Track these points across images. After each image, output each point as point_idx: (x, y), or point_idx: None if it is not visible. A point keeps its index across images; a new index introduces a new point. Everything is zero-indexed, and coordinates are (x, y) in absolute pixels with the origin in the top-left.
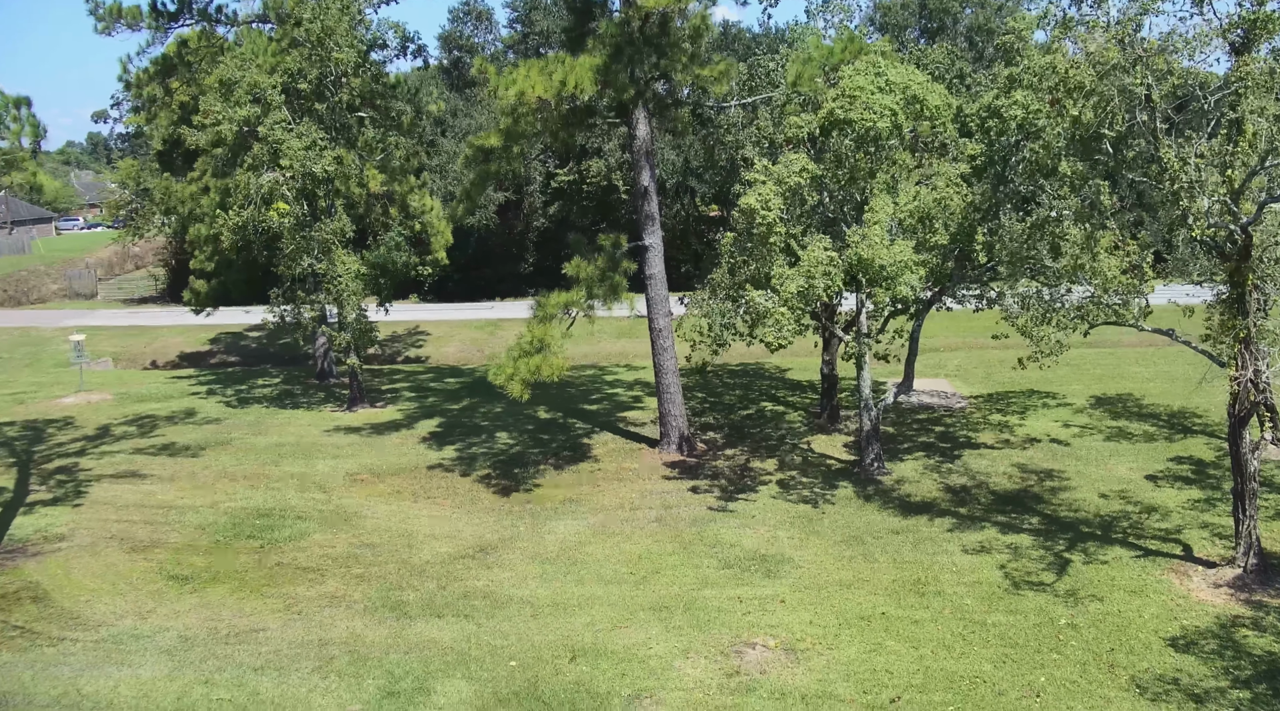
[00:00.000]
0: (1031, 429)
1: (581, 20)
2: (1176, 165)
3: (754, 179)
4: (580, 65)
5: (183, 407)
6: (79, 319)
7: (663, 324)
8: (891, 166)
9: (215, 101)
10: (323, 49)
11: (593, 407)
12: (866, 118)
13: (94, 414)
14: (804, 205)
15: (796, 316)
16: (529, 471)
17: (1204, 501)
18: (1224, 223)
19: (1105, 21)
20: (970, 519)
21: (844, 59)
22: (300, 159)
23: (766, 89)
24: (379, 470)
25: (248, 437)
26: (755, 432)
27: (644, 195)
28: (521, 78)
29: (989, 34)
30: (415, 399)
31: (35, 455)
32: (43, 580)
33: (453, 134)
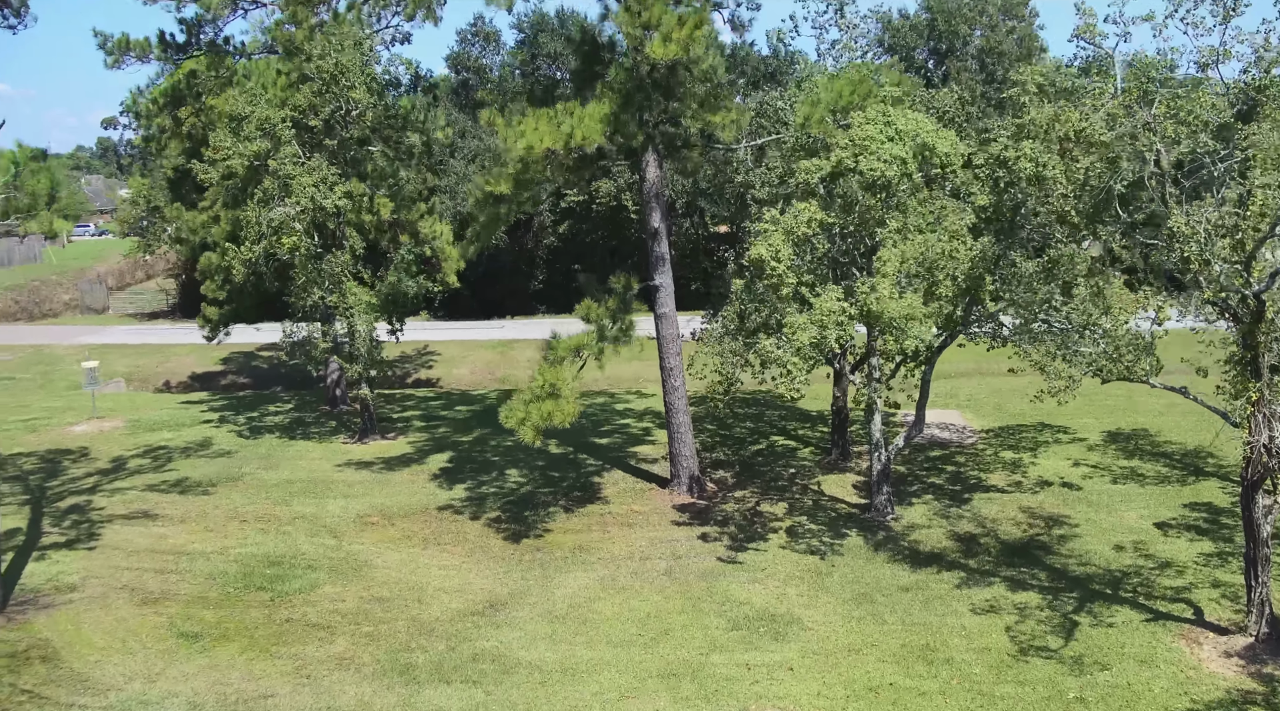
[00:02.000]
0: (1043, 468)
1: (589, 63)
2: (1186, 231)
3: (763, 229)
4: (589, 115)
5: (196, 438)
6: (91, 336)
7: (674, 363)
8: (903, 215)
9: (225, 137)
10: (336, 87)
11: (603, 441)
12: (876, 167)
13: (107, 444)
14: (814, 253)
15: (810, 366)
16: (539, 514)
17: (1216, 556)
18: (1236, 288)
19: (1113, 91)
20: (979, 573)
21: (852, 102)
22: (310, 194)
23: (775, 127)
24: (389, 512)
25: (259, 472)
26: (765, 471)
27: (654, 236)
28: (530, 130)
29: (999, 56)
30: (426, 429)
31: (49, 491)
32: (53, 637)
33: (462, 155)
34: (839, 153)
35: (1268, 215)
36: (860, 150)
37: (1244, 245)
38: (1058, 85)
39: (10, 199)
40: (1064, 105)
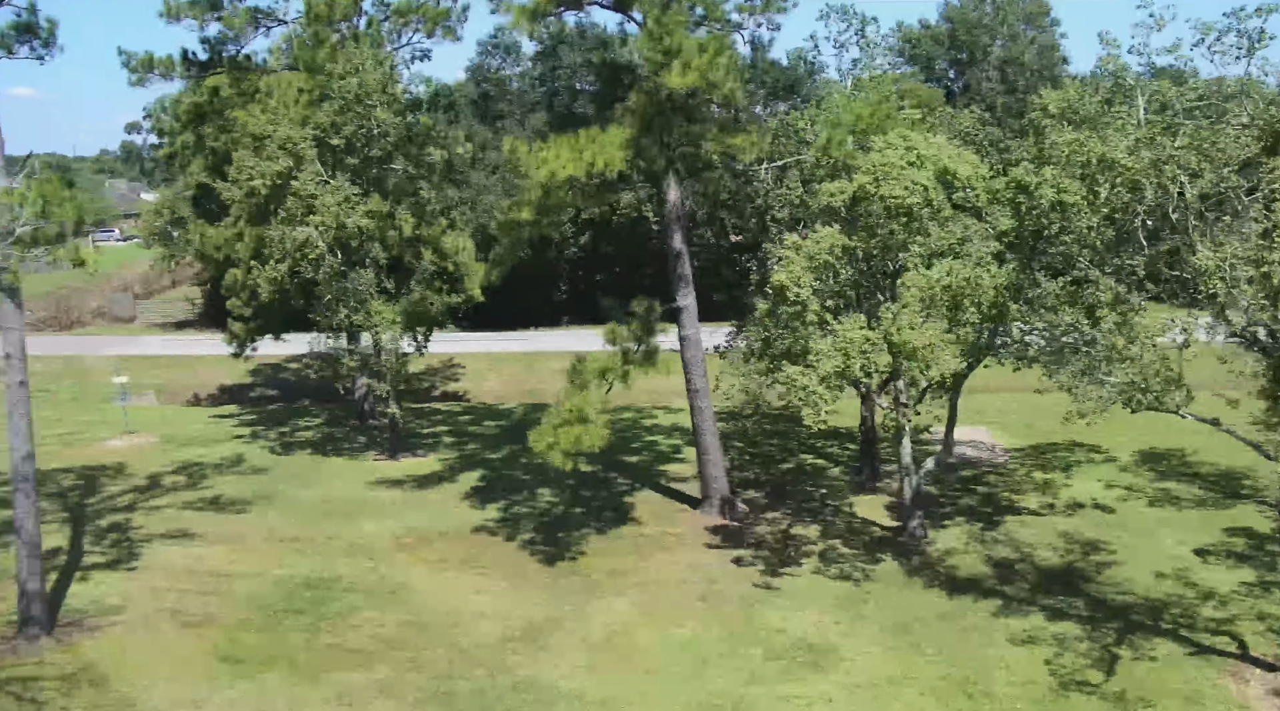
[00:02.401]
0: (1076, 490)
1: (610, 86)
2: (1211, 266)
3: (784, 255)
4: (610, 142)
5: (229, 453)
6: (121, 346)
7: (700, 385)
8: (925, 238)
9: (248, 156)
10: (359, 106)
11: (633, 459)
12: (898, 194)
13: (141, 460)
14: (837, 277)
15: (835, 396)
16: (573, 536)
17: (1259, 585)
18: (1264, 322)
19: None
20: (1016, 601)
21: (873, 124)
22: (334, 215)
23: (796, 147)
24: (424, 533)
25: (293, 491)
26: (796, 491)
27: (676, 258)
28: (552, 157)
29: (1020, 67)
30: (455, 445)
31: (88, 509)
32: (100, 660)
33: (483, 166)
34: (860, 178)
35: None
36: (882, 176)
37: (1270, 278)
38: (1080, 113)
39: (40, 230)
40: (1087, 134)
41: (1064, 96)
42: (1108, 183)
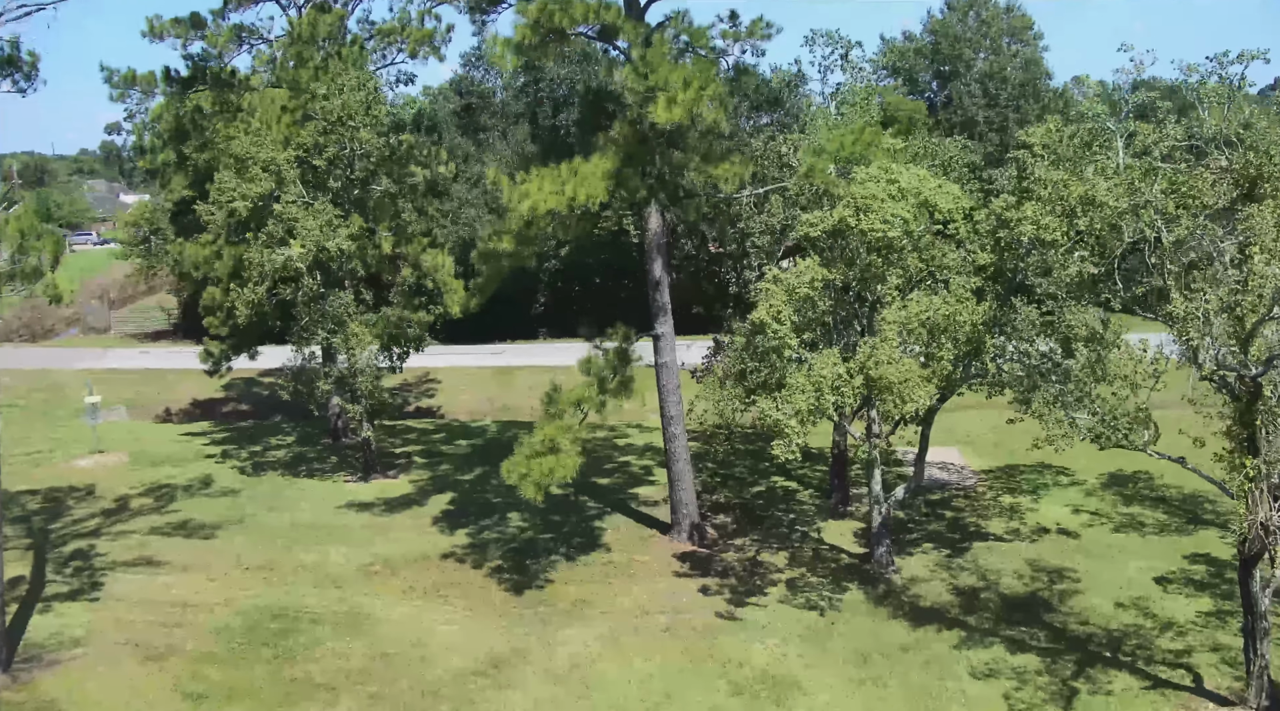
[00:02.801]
0: (1043, 515)
1: (594, 112)
2: (1184, 310)
3: (765, 289)
4: (592, 174)
5: (199, 474)
6: (94, 360)
7: (675, 412)
8: (904, 271)
9: (229, 177)
10: (343, 128)
11: (605, 481)
12: (878, 228)
13: (110, 480)
14: (815, 309)
15: (806, 430)
16: (541, 563)
17: (1215, 615)
18: (1234, 366)
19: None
20: (979, 632)
21: (855, 152)
22: (315, 239)
23: (779, 171)
24: (392, 561)
25: (262, 514)
26: (766, 516)
27: (656, 286)
28: (534, 190)
29: (1002, 81)
30: (427, 466)
31: (52, 535)
32: (60, 697)
33: (464, 178)
34: (841, 211)
35: (1265, 298)
36: (862, 208)
37: (1243, 322)
38: (1060, 154)
39: (18, 265)
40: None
41: (1047, 133)
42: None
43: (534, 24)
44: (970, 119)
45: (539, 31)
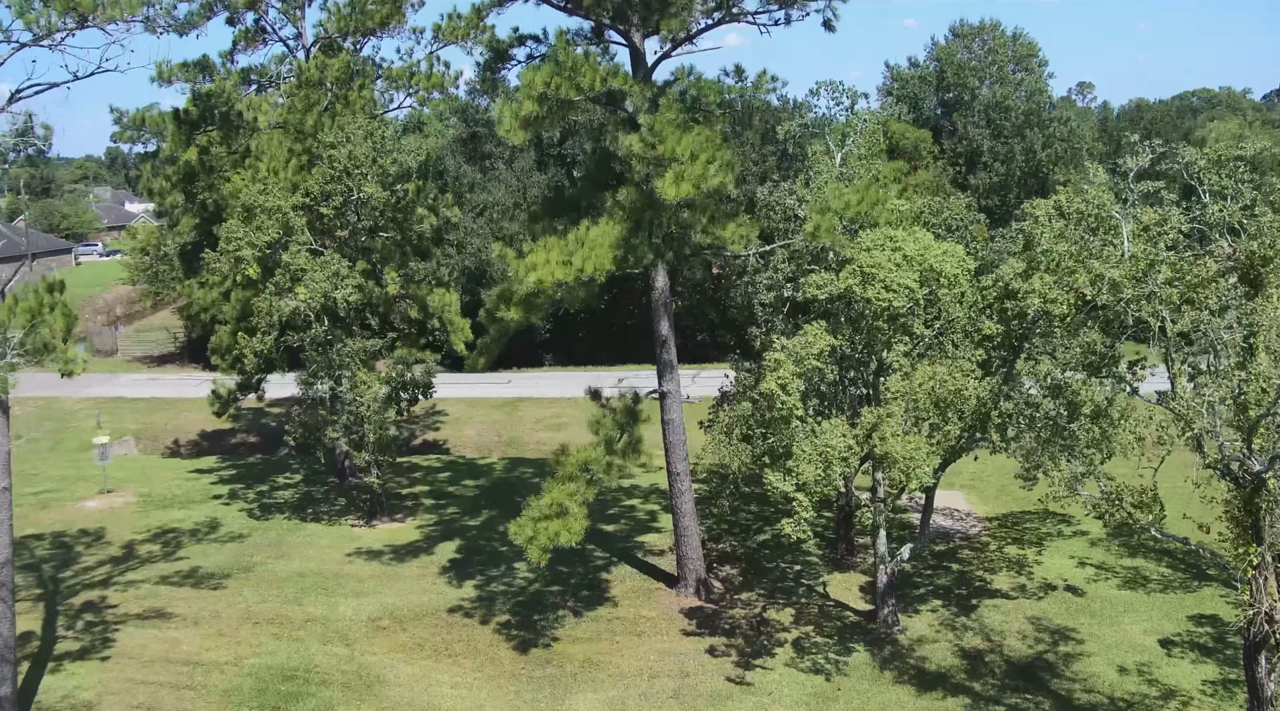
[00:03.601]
0: (1047, 568)
1: (600, 171)
2: (1190, 410)
3: (773, 359)
4: (599, 243)
5: (206, 517)
6: (101, 386)
7: (680, 468)
8: (910, 338)
9: (237, 226)
10: (349, 179)
11: (610, 528)
12: (884, 297)
13: (118, 524)
14: (823, 378)
15: (814, 502)
16: (548, 619)
17: (1220, 684)
18: (1236, 455)
19: (1121, 253)
20: (984, 698)
21: (862, 211)
22: (323, 290)
23: (783, 222)
24: (400, 614)
25: (270, 562)
26: (771, 568)
27: (662, 344)
28: (541, 262)
29: (1005, 110)
30: (434, 508)
31: (62, 584)
32: None
33: (469, 207)
34: (846, 279)
35: (1269, 394)
36: (868, 277)
37: (1247, 411)
38: (1068, 237)
39: (30, 339)
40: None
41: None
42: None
43: (540, 97)
44: (975, 149)
45: (545, 104)
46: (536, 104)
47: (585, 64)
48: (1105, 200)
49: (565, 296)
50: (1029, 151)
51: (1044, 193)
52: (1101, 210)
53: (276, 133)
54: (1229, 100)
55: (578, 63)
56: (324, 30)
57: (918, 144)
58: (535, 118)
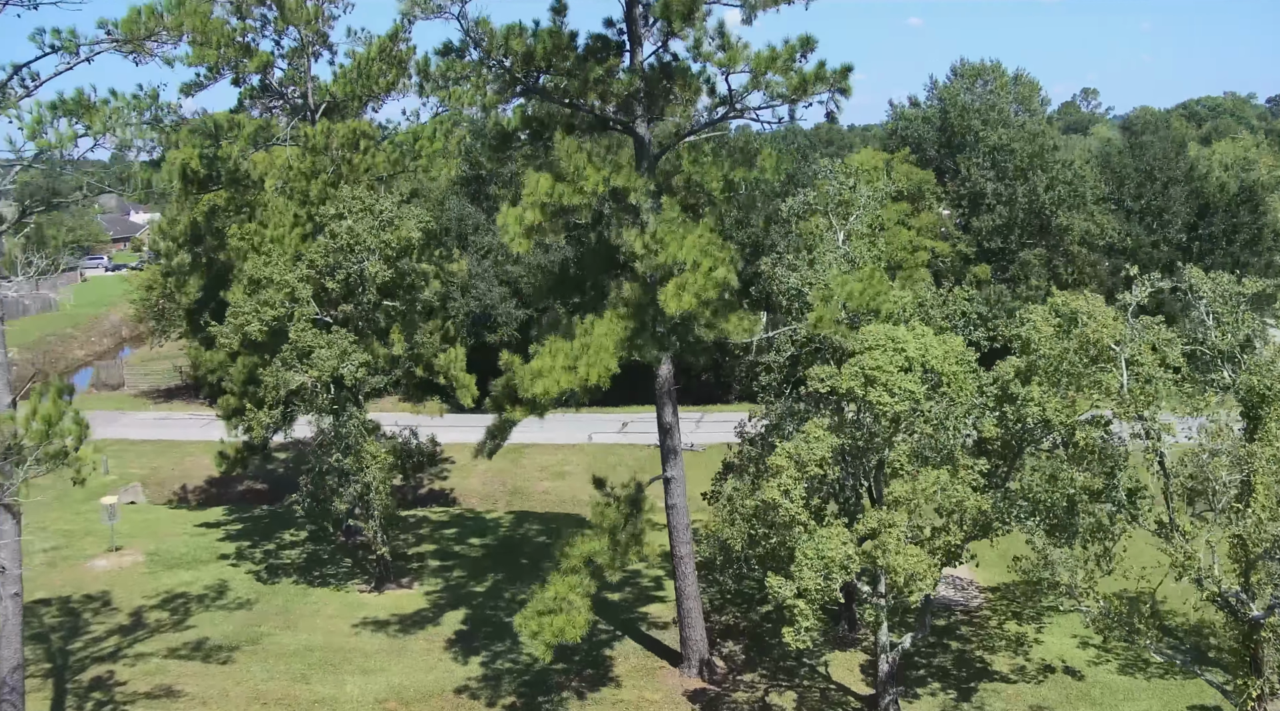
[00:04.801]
0: (1047, 647)
1: (604, 262)
2: (1186, 558)
3: (774, 464)
4: (603, 347)
5: (214, 579)
6: (108, 425)
7: (684, 552)
8: (912, 439)
9: (243, 299)
10: (352, 255)
11: (615, 596)
12: (886, 401)
13: (126, 587)
14: (825, 479)
15: (815, 609)
16: (553, 701)
17: None
18: (1234, 591)
19: (1120, 384)
20: None
21: (864, 302)
22: (329, 369)
23: (786, 301)
24: (406, 695)
25: (278, 634)
26: (774, 644)
27: (666, 431)
28: (546, 369)
29: (1010, 153)
30: (441, 572)
31: (71, 658)
32: None
33: (474, 249)
34: (848, 380)
35: (1267, 536)
36: (870, 380)
37: (1246, 548)
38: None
39: (43, 449)
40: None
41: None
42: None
43: (542, 206)
44: (978, 191)
45: (547, 213)
46: (540, 212)
47: (589, 166)
48: (1105, 333)
49: (570, 399)
50: (1032, 193)
51: (1046, 233)
52: (1100, 342)
53: (281, 197)
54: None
55: (580, 167)
56: (330, 96)
57: (921, 186)
58: (539, 226)
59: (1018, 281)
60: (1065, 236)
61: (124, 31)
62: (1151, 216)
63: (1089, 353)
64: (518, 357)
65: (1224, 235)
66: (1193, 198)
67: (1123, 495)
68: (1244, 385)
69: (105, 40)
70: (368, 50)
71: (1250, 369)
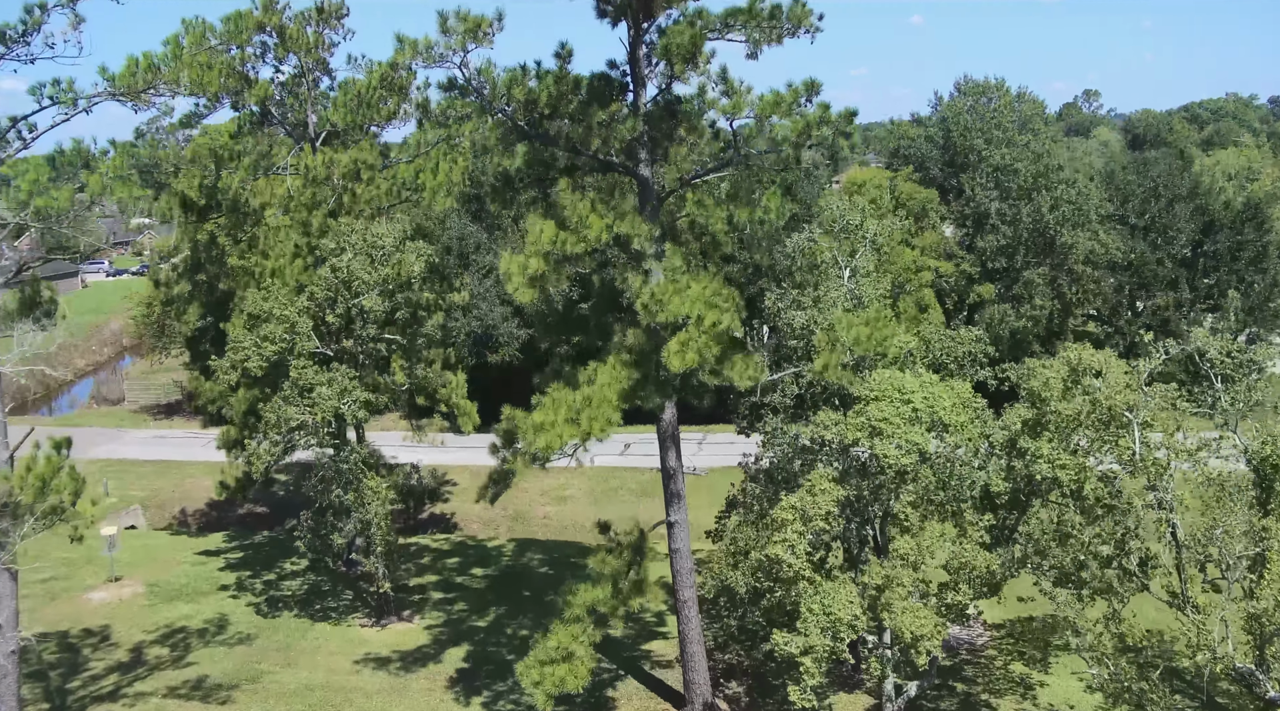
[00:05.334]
0: (1053, 691)
1: (609, 306)
2: (1201, 638)
3: (779, 517)
4: (606, 399)
5: (214, 613)
6: (108, 444)
7: (688, 596)
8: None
9: (242, 335)
10: (348, 291)
11: (617, 632)
12: (892, 455)
13: (126, 621)
14: (830, 531)
15: (822, 668)
16: None
17: None
18: (1247, 666)
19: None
20: None
21: (871, 348)
22: (330, 409)
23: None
24: None
25: (278, 671)
26: (778, 685)
27: (670, 476)
28: (549, 423)
29: (1014, 173)
30: (443, 604)
31: (69, 697)
32: None
33: (475, 268)
34: (854, 432)
35: None
36: (877, 432)
37: (1261, 625)
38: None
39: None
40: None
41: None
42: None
43: (546, 255)
44: (982, 211)
45: (551, 261)
46: (543, 261)
47: (592, 214)
48: (1119, 400)
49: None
50: (1036, 213)
51: (1050, 252)
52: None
53: (282, 225)
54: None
55: (583, 216)
56: (331, 124)
57: (925, 205)
58: (542, 275)
59: (1021, 301)
60: (1069, 255)
61: (121, 84)
62: (1156, 233)
63: (1101, 416)
64: (519, 411)
65: (1229, 252)
66: (1198, 214)
67: (1134, 564)
68: (1256, 455)
69: (103, 94)
70: (369, 78)
71: (1263, 439)
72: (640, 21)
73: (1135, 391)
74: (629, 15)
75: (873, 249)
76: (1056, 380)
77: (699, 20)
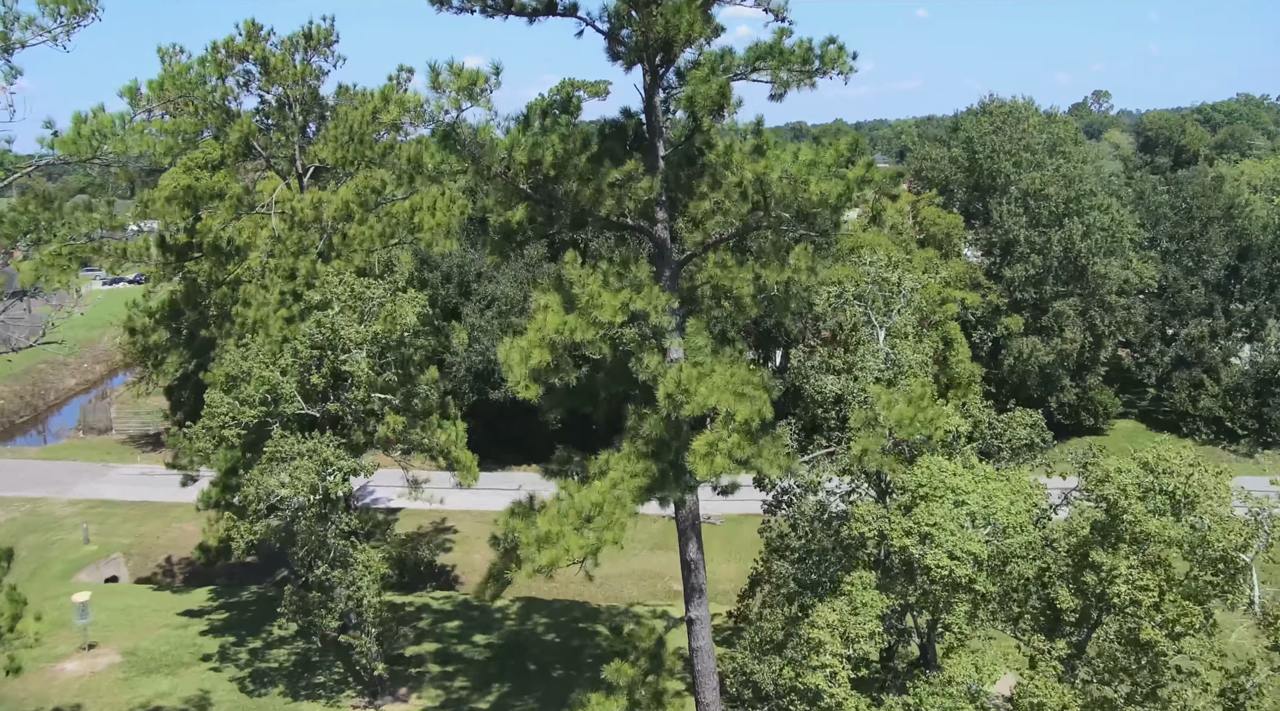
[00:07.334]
0: None
1: (622, 382)
2: None
3: (815, 637)
4: (622, 503)
5: (195, 690)
6: (92, 483)
7: (709, 697)
8: (972, 600)
9: (220, 400)
10: (332, 351)
11: None
12: (945, 564)
13: (98, 698)
14: (872, 645)
15: None
16: None
17: None
18: None
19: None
20: None
21: (915, 431)
22: (306, 484)
23: (826, 411)
24: None
25: None
26: None
27: (691, 569)
28: (555, 535)
29: (1045, 198)
30: (442, 680)
31: None
32: None
33: (475, 298)
34: (900, 538)
35: None
36: (927, 538)
37: None
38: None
39: None
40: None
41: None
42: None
43: (550, 344)
44: (1010, 239)
45: (557, 350)
46: (548, 352)
47: (604, 292)
48: (1230, 542)
49: None
50: (1068, 241)
51: (1082, 280)
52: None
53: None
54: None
55: (594, 295)
56: (319, 160)
57: (949, 231)
58: (546, 367)
59: (1051, 333)
60: (1102, 285)
61: (66, 152)
62: (1189, 257)
63: (1210, 556)
64: (520, 522)
65: (1266, 278)
66: (1233, 237)
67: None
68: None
69: (46, 160)
70: (361, 111)
71: None
72: (657, 67)
73: (1250, 530)
74: (645, 59)
75: (910, 308)
76: (1133, 487)
77: (723, 64)
